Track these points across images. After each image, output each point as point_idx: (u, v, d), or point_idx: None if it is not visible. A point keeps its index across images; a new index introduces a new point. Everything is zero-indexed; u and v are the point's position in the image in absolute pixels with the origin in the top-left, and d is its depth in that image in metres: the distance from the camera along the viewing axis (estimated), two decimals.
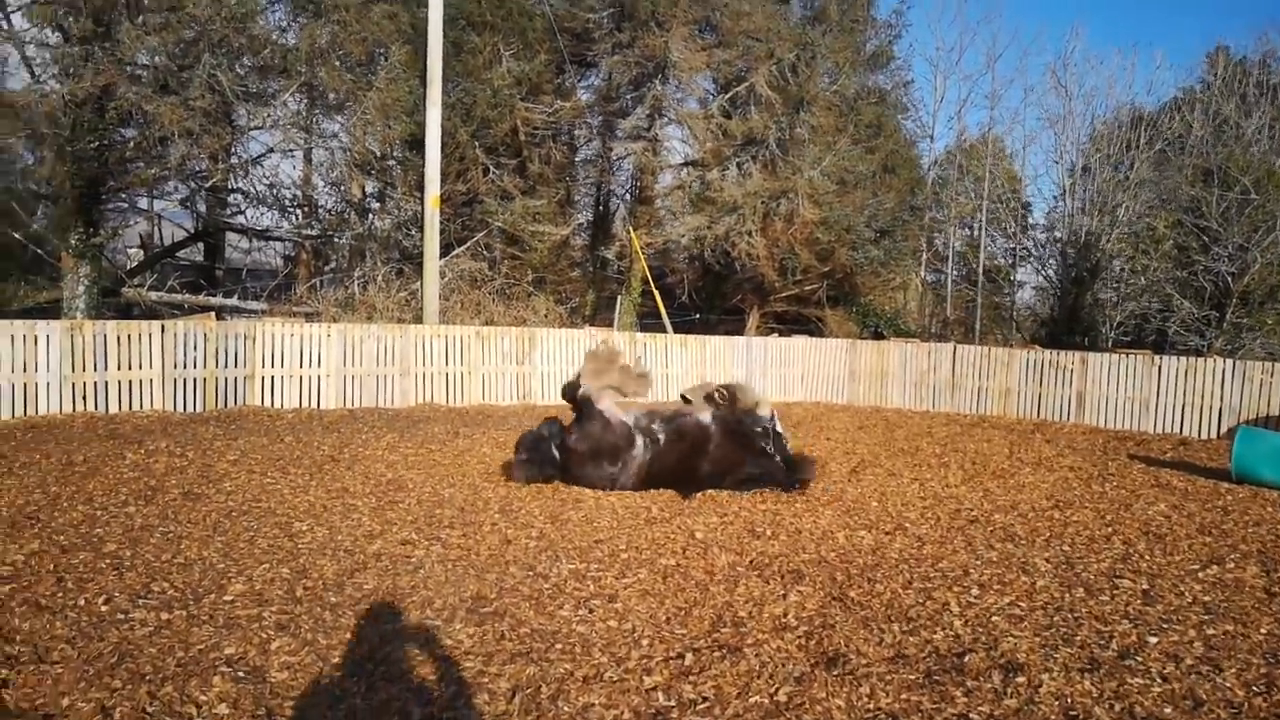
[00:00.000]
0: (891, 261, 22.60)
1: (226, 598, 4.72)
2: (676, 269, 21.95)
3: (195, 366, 11.90)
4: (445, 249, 18.40)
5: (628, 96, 20.91)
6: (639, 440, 7.98)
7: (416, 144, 18.09)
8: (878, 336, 23.07)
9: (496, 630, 4.34)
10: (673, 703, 3.63)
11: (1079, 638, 4.47)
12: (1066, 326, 21.14)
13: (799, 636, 4.35)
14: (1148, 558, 6.17)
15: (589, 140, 22.18)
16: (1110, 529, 7.05)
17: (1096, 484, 9.18)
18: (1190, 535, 6.93)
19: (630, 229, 19.48)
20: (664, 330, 18.97)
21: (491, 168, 19.89)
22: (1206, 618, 4.85)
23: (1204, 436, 13.36)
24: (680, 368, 16.85)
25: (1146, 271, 16.04)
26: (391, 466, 8.65)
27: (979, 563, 5.86)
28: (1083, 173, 20.79)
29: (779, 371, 17.96)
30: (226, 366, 12.18)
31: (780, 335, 18.84)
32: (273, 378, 12.60)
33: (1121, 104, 23.49)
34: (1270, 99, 17.88)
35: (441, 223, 17.22)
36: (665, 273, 22.45)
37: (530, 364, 15.10)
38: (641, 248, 19.61)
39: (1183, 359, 13.86)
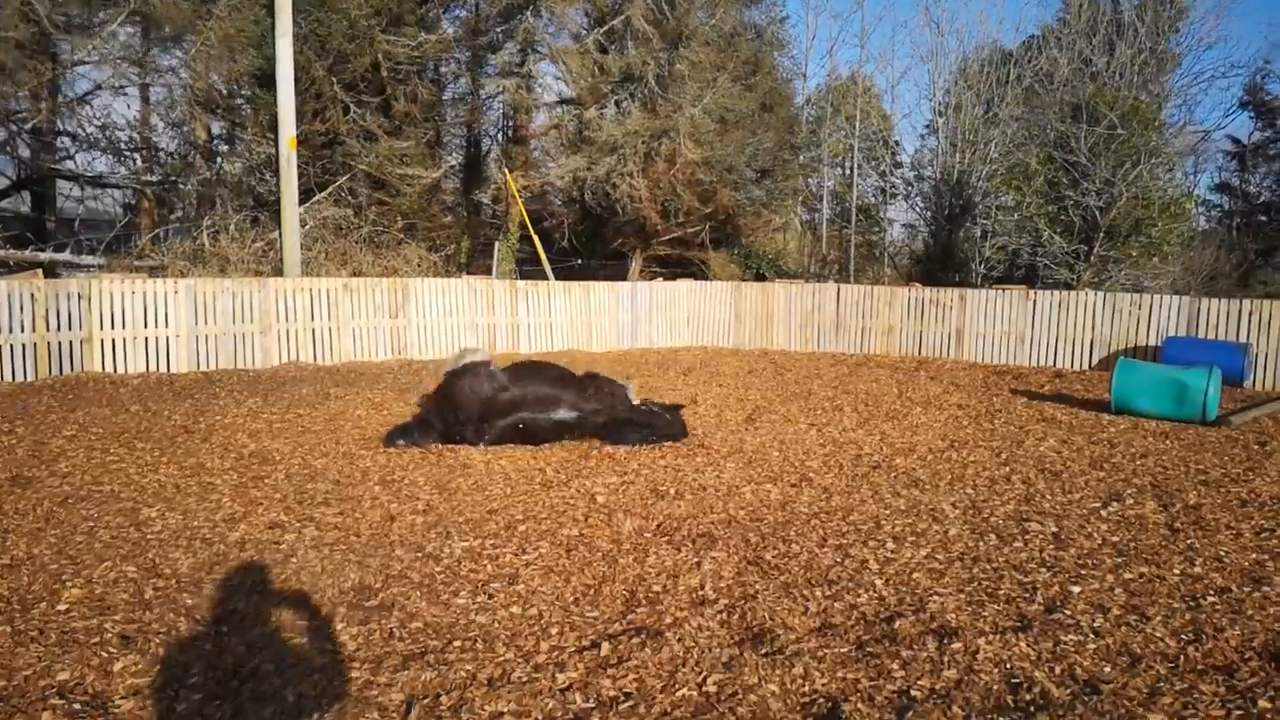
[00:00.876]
0: (774, 202, 22.50)
1: (60, 606, 4.01)
2: (556, 213, 21.23)
3: (22, 330, 10.60)
4: (305, 195, 17.14)
5: (497, 30, 19.81)
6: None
7: (266, 80, 16.64)
8: (759, 278, 23.06)
9: (384, 628, 3.81)
10: (591, 703, 3.22)
11: (1002, 591, 4.30)
12: (941, 263, 21.62)
13: (720, 611, 4.01)
14: (1049, 497, 6.14)
15: (457, 77, 21.00)
16: (1008, 468, 7.04)
17: (986, 421, 9.26)
18: (1084, 471, 6.97)
19: (506, 171, 18.63)
20: (545, 277, 18.33)
21: (352, 106, 18.57)
22: (1120, 560, 4.78)
23: (1077, 368, 13.83)
24: (565, 316, 16.31)
25: (1020, 207, 16.40)
26: (255, 436, 7.86)
27: (889, 512, 5.67)
28: (954, 110, 21.11)
29: (665, 316, 17.66)
30: (59, 330, 10.92)
31: (665, 279, 18.50)
32: (114, 341, 11.39)
33: (987, 41, 23.95)
34: (1131, 36, 18.43)
35: (300, 166, 15.98)
36: (543, 217, 21.69)
37: (405, 316, 14.26)
38: (518, 191, 18.81)
39: (1056, 293, 14.26)
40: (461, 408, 7.50)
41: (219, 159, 19.80)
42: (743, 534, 5.12)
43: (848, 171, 35.54)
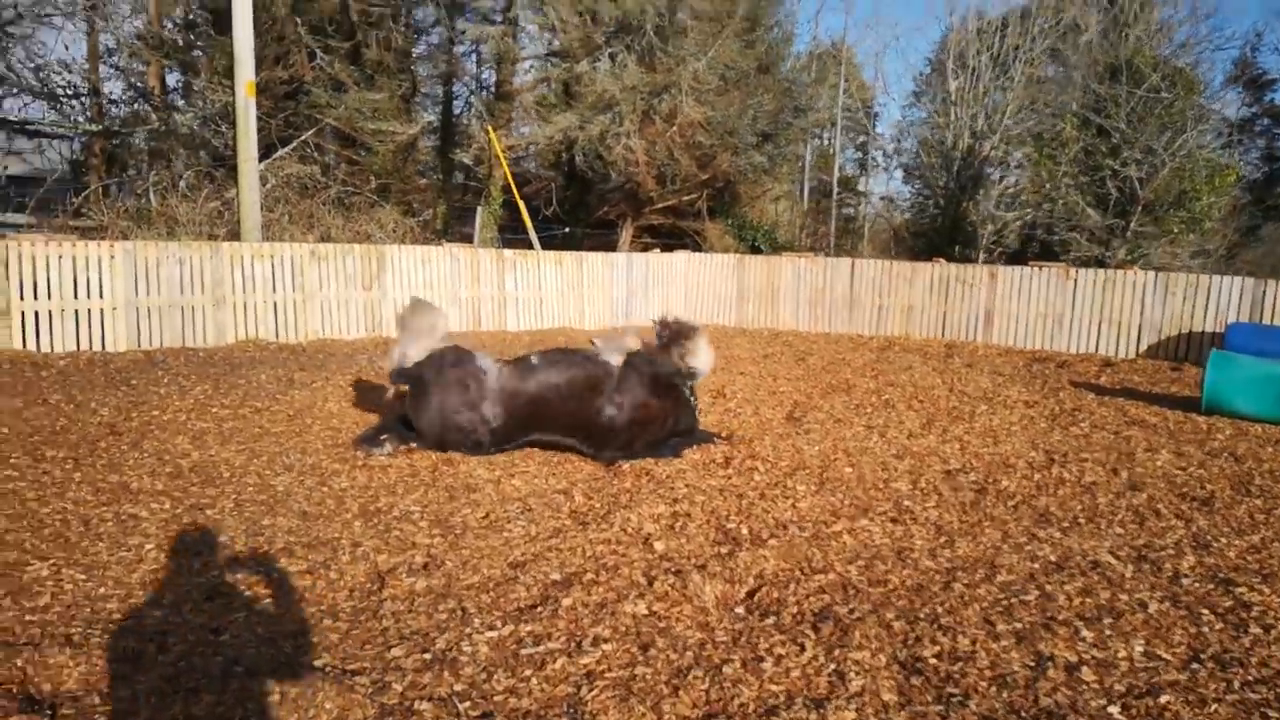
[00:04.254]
0: (775, 168, 20.99)
1: None
2: (543, 177, 19.56)
3: None
4: (266, 150, 15.36)
5: None
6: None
7: (223, 20, 14.82)
8: (754, 251, 21.62)
9: None
10: None
11: None
12: (948, 238, 20.29)
13: None
14: (1221, 540, 4.79)
15: (435, 23, 19.13)
16: (1142, 494, 5.68)
17: (1069, 424, 7.92)
18: (1235, 499, 5.64)
19: (490, 129, 16.91)
20: (529, 247, 16.74)
21: (319, 52, 16.77)
22: None
23: (1124, 355, 12.57)
24: (555, 289, 14.77)
25: (1053, 177, 15.08)
26: (199, 440, 6.30)
27: (1040, 568, 4.29)
28: (969, 72, 19.66)
29: (661, 291, 16.18)
30: None
31: (660, 251, 16.99)
32: (38, 314, 9.69)
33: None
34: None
35: (260, 118, 14.25)
36: (527, 181, 20.03)
37: (380, 289, 12.63)
38: (503, 151, 17.12)
39: (1100, 272, 12.96)
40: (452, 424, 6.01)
41: (171, 109, 17.88)
42: (874, 611, 3.69)
43: (827, 142, 34.12)
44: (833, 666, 3.19)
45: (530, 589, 3.87)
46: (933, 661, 3.27)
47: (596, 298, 15.33)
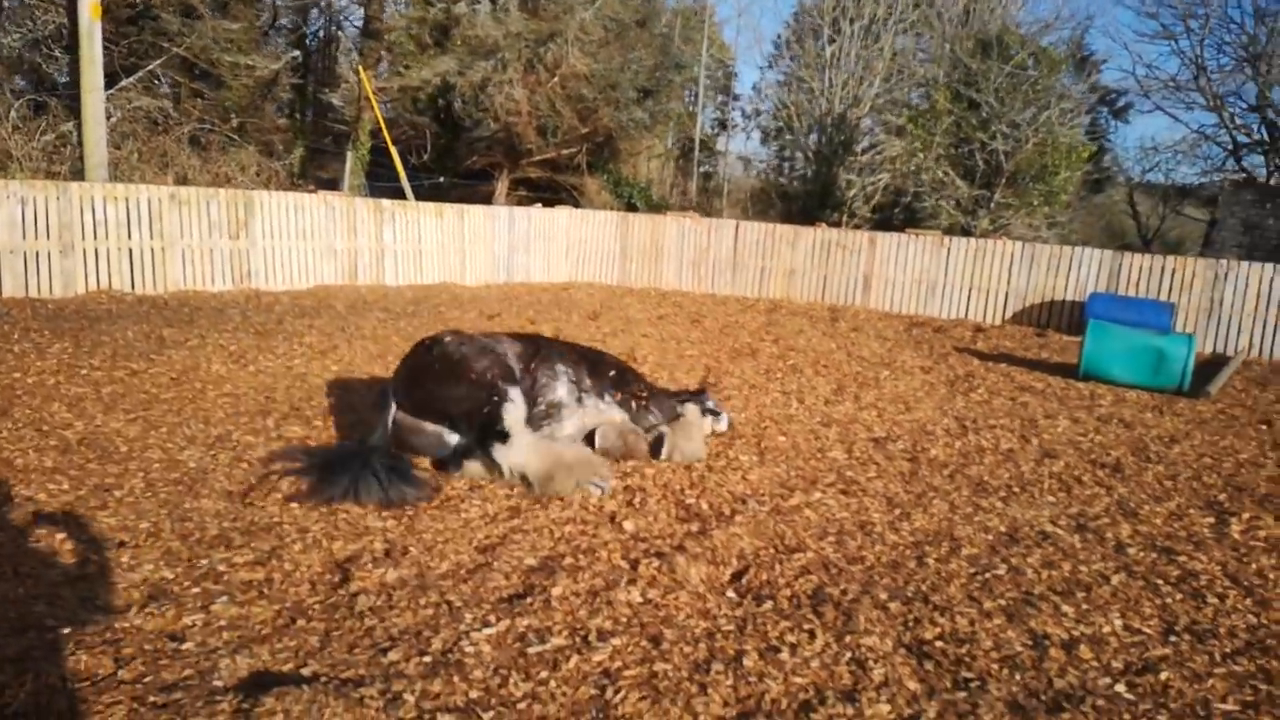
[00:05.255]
0: (656, 124, 20.79)
1: None
2: (416, 123, 18.61)
3: None
4: (109, 80, 13.88)
5: None
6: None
7: None
8: (630, 208, 21.44)
9: None
10: None
11: None
12: (820, 201, 20.76)
13: None
14: (1148, 508, 5.07)
15: None
16: (1058, 461, 5.96)
17: (966, 390, 8.26)
18: (1141, 466, 6.00)
19: (361, 69, 15.90)
20: (399, 196, 15.97)
21: None
22: None
23: (992, 321, 13.26)
24: (435, 243, 14.16)
25: (926, 145, 15.60)
26: (77, 408, 5.62)
27: (995, 540, 4.41)
28: (840, 38, 20.01)
29: (543, 246, 15.82)
30: None
31: (541, 206, 16.56)
32: None
33: None
34: None
35: (101, 44, 12.82)
36: (395, 125, 19.01)
37: (248, 238, 11.71)
38: (374, 93, 16.15)
39: (971, 241, 13.58)
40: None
41: None
42: (865, 592, 3.67)
43: (689, 104, 34.22)
44: (849, 654, 3.14)
45: (509, 576, 3.63)
46: (939, 645, 3.27)
47: (478, 253, 14.82)
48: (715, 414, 5.98)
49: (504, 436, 4.68)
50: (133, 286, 10.58)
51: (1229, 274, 11.99)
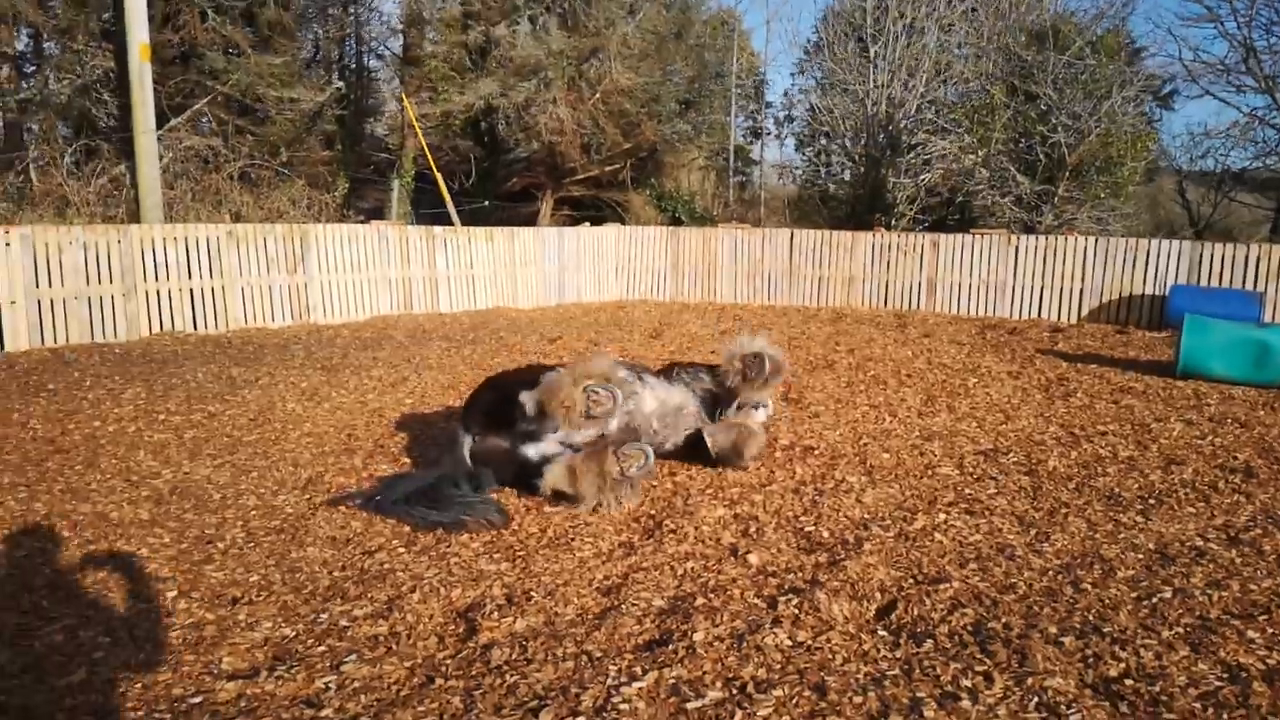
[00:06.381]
0: (700, 136, 20.60)
1: None
2: (457, 148, 18.59)
3: None
4: (158, 121, 13.98)
5: None
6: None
7: None
8: (675, 222, 21.24)
9: None
10: None
11: None
12: (867, 206, 20.39)
13: None
14: None
15: None
16: (1187, 470, 5.58)
17: (1063, 395, 7.87)
18: (1273, 468, 5.62)
19: (405, 97, 15.89)
20: (446, 222, 15.92)
21: (210, 12, 15.35)
22: None
23: (1069, 321, 12.82)
24: (487, 267, 14.04)
25: (987, 144, 15.21)
26: (162, 453, 5.50)
27: (1147, 559, 4.08)
28: (891, 37, 19.66)
29: (593, 265, 15.65)
30: None
31: (589, 224, 16.40)
32: None
33: None
34: None
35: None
36: (441, 152, 19.01)
37: (305, 272, 11.67)
38: (417, 120, 16.14)
39: (1041, 239, 13.16)
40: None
41: (35, 76, 16.08)
42: (1031, 624, 3.37)
43: (729, 113, 34.00)
44: (1035, 699, 2.85)
45: (641, 621, 3.38)
46: (1129, 683, 2.96)
47: (530, 275, 14.68)
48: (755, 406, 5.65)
49: None
50: (195, 326, 10.55)
51: None
